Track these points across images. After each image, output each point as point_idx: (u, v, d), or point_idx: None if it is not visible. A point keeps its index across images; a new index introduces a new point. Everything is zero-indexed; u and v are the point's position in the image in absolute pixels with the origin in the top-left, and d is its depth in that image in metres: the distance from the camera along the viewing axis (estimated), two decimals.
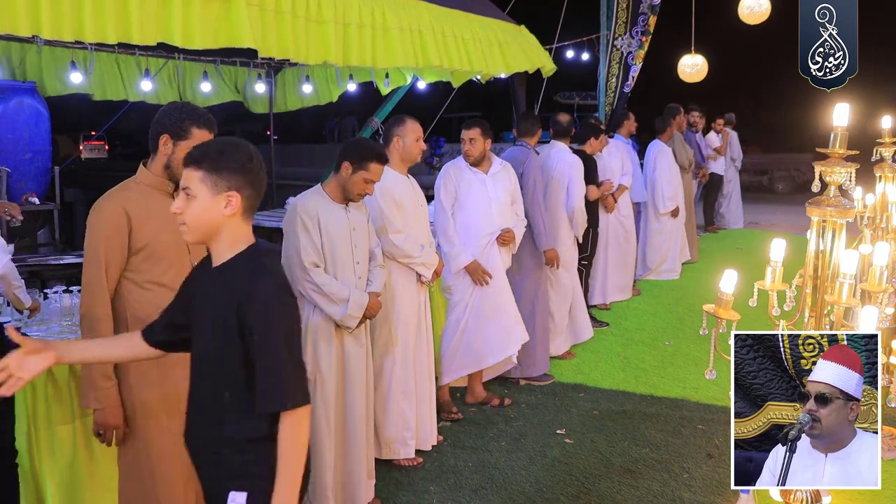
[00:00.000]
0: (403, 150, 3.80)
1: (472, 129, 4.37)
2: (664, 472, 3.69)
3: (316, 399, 3.13)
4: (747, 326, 2.47)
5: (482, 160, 4.40)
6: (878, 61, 11.09)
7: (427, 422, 3.92)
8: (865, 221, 3.75)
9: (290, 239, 3.15)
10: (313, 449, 3.14)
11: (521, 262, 4.87)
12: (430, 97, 9.14)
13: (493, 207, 4.36)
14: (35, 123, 7.28)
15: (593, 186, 5.93)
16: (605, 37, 8.48)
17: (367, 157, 3.16)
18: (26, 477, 3.01)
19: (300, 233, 3.11)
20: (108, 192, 2.51)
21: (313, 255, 3.10)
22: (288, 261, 3.14)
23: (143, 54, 7.49)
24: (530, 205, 4.81)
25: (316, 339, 3.16)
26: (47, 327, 3.36)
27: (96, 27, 3.05)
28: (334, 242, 3.15)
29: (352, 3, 4.26)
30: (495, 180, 4.41)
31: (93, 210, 2.46)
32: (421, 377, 3.89)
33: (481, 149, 4.35)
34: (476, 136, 4.34)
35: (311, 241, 3.11)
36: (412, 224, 3.78)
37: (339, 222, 3.18)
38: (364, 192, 3.23)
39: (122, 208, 2.43)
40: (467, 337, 4.40)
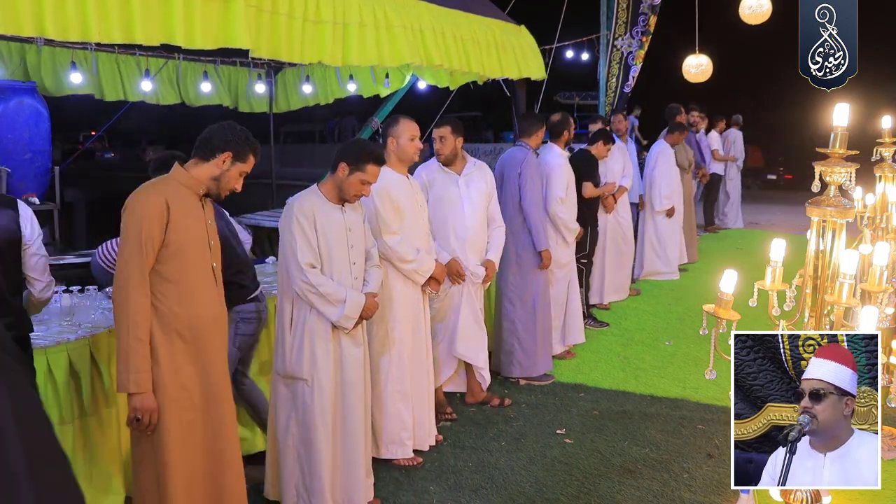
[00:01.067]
0: (399, 150, 3.80)
1: (442, 128, 4.23)
2: (664, 472, 3.68)
3: (313, 399, 3.12)
4: (747, 326, 2.47)
5: (454, 160, 4.28)
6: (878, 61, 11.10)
7: (426, 422, 3.92)
8: (865, 221, 3.75)
9: (286, 239, 3.13)
10: (311, 448, 3.13)
11: (522, 263, 4.88)
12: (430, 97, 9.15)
13: (465, 209, 4.25)
14: (35, 123, 7.29)
15: (590, 184, 5.93)
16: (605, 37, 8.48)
17: (364, 158, 3.15)
18: None
19: (296, 233, 3.08)
20: (146, 184, 2.63)
21: (309, 255, 3.08)
22: (284, 261, 3.13)
23: (144, 54, 7.49)
24: (529, 205, 4.80)
25: (313, 340, 3.14)
26: (47, 327, 3.35)
27: (101, 27, 3.07)
28: (330, 243, 3.14)
29: (351, 3, 4.26)
30: (469, 181, 4.31)
31: (134, 197, 2.54)
32: (419, 377, 3.88)
33: (452, 147, 4.22)
34: (446, 135, 4.20)
35: (308, 242, 3.09)
36: (409, 226, 3.76)
37: (335, 223, 3.16)
38: (360, 194, 3.22)
39: (164, 199, 2.52)
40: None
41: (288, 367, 3.16)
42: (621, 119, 7.33)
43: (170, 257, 2.52)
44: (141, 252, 2.46)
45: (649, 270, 7.78)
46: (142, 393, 2.47)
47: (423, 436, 3.91)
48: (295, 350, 3.14)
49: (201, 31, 3.37)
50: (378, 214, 3.64)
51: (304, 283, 3.07)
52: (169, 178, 2.64)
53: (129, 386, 2.46)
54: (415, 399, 3.85)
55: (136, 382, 2.45)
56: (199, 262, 2.60)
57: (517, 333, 4.92)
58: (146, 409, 2.48)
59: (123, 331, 2.46)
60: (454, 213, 4.24)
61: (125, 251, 2.49)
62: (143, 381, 2.47)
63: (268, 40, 3.78)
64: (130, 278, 2.46)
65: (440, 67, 5.34)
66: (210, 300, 2.63)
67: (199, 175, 2.63)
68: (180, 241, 2.53)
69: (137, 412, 2.48)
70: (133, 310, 2.45)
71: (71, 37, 3.00)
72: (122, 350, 2.47)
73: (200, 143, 2.65)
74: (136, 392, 2.46)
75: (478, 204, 4.29)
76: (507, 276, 4.91)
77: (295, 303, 3.15)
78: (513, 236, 4.78)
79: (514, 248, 4.84)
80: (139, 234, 2.46)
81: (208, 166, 2.62)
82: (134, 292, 2.46)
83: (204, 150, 2.63)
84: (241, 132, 2.66)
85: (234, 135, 2.64)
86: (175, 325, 2.54)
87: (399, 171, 3.81)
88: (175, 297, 2.54)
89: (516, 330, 4.92)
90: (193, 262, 2.58)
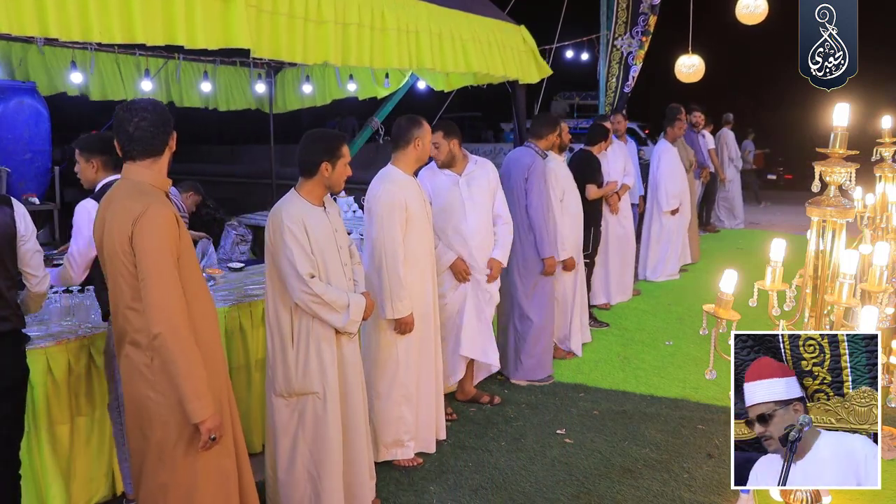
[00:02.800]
0: (423, 151, 3.77)
1: (434, 134, 4.09)
2: (664, 472, 3.68)
3: (326, 411, 3.03)
4: (747, 326, 2.47)
5: (453, 161, 4.21)
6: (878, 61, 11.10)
7: (432, 424, 3.89)
8: (865, 221, 3.75)
9: (279, 250, 2.99)
10: (325, 462, 3.06)
11: (527, 267, 4.84)
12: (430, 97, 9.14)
13: (467, 210, 4.20)
14: (35, 123, 7.28)
15: (593, 186, 5.92)
16: (605, 37, 8.49)
17: (336, 146, 3.08)
18: (27, 476, 3.02)
19: (290, 243, 2.96)
20: (147, 200, 2.36)
21: (308, 265, 2.98)
22: (280, 273, 3.01)
23: (143, 54, 7.49)
24: (535, 211, 4.74)
25: (320, 348, 3.04)
26: (47, 327, 3.36)
27: (102, 27, 3.07)
28: (323, 247, 3.04)
29: (351, 3, 4.26)
30: (470, 180, 4.27)
31: (147, 218, 2.32)
32: (427, 378, 3.84)
33: (447, 151, 4.18)
34: (438, 140, 4.13)
35: (303, 251, 2.98)
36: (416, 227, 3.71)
37: (323, 227, 3.07)
38: (347, 175, 3.14)
39: (171, 211, 2.39)
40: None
41: (294, 384, 3.03)
42: (620, 119, 7.32)
43: (183, 267, 2.43)
44: (176, 279, 2.34)
45: (654, 271, 7.80)
46: (213, 414, 2.39)
47: (429, 438, 3.89)
48: (301, 364, 3.02)
49: (203, 31, 3.37)
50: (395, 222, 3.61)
51: (307, 294, 2.96)
52: (147, 185, 2.45)
53: (204, 412, 2.35)
54: (421, 401, 3.82)
55: (207, 407, 2.36)
56: (194, 265, 2.55)
57: (521, 337, 4.90)
58: (217, 426, 2.41)
59: (183, 363, 2.32)
60: (456, 215, 4.21)
61: (161, 280, 2.31)
62: (211, 404, 2.38)
63: (269, 40, 3.78)
64: (174, 308, 2.32)
65: (432, 70, 5.33)
66: (207, 300, 2.61)
67: (162, 171, 2.48)
68: (183, 249, 2.45)
69: (212, 432, 2.39)
70: (186, 339, 2.33)
71: (73, 36, 3.01)
72: (185, 382, 2.33)
73: (137, 151, 2.44)
74: (210, 416, 2.37)
75: (480, 204, 4.26)
76: (513, 279, 4.88)
77: (294, 313, 3.03)
78: (518, 240, 4.74)
79: (519, 251, 4.81)
80: (169, 260, 2.33)
81: (161, 161, 2.47)
82: (181, 322, 2.33)
83: (144, 152, 2.44)
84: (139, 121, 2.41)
85: (149, 130, 2.41)
86: (201, 333, 2.46)
87: (409, 172, 3.78)
88: (192, 304, 2.44)
89: (520, 334, 4.90)
90: (193, 266, 2.54)
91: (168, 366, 2.33)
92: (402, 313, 3.63)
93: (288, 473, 3.08)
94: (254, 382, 3.86)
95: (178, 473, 2.45)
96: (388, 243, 3.60)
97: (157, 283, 2.32)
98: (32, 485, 3.07)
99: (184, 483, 2.45)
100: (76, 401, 3.22)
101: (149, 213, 2.33)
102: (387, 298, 3.60)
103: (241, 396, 3.74)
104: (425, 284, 3.80)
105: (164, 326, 2.31)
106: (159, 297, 2.32)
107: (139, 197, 2.38)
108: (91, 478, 3.30)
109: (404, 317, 3.64)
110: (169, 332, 2.31)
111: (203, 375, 2.36)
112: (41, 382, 3.09)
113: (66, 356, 3.17)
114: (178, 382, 2.33)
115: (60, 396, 3.15)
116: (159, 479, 2.45)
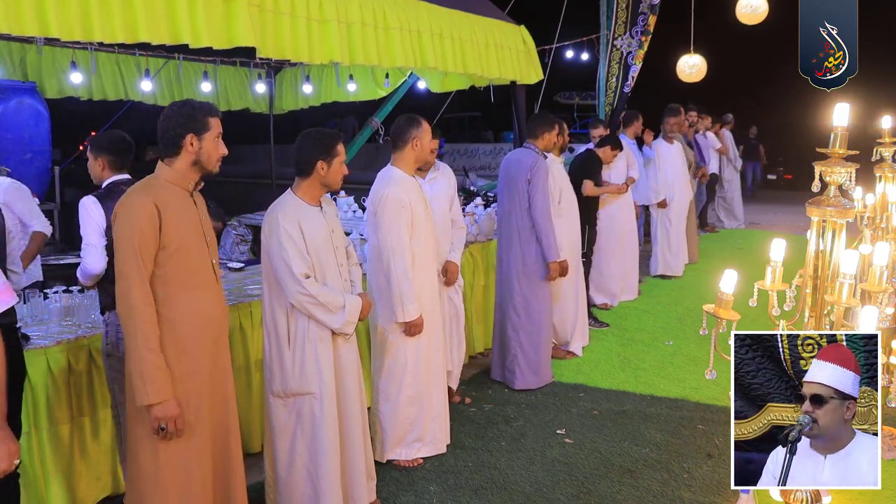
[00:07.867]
0: (422, 151, 3.77)
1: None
2: (664, 472, 3.68)
3: (323, 411, 3.03)
4: (747, 326, 2.47)
5: (427, 165, 4.28)
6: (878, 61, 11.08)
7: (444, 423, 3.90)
8: (865, 221, 3.75)
9: (275, 251, 2.99)
10: (322, 463, 3.05)
11: (529, 271, 4.77)
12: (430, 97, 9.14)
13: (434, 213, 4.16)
14: (35, 123, 7.29)
15: (590, 182, 5.93)
16: (604, 37, 8.48)
17: (332, 144, 3.07)
18: (27, 476, 3.02)
19: (286, 244, 2.95)
20: (133, 188, 2.54)
21: (303, 265, 2.97)
22: (276, 273, 2.99)
23: (143, 54, 7.49)
24: (539, 214, 4.69)
25: (316, 349, 3.03)
26: (47, 327, 3.36)
27: (104, 27, 3.07)
28: (319, 248, 3.03)
29: (352, 3, 4.26)
30: (433, 185, 4.29)
31: (121, 205, 2.48)
32: (436, 378, 3.84)
33: (435, 150, 4.23)
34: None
35: (299, 251, 2.96)
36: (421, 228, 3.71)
37: (319, 227, 3.05)
38: (344, 173, 3.14)
39: (151, 201, 2.46)
40: None
41: (292, 384, 3.02)
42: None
43: (168, 259, 2.47)
44: (138, 262, 2.41)
45: (662, 269, 7.86)
46: (163, 402, 2.42)
47: (441, 438, 3.89)
48: (297, 364, 3.02)
49: (208, 30, 3.37)
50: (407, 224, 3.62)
51: (302, 294, 2.95)
52: (155, 178, 2.57)
53: (149, 397, 2.40)
54: (431, 401, 3.81)
55: (155, 392, 2.40)
56: (197, 260, 2.56)
57: (522, 344, 4.83)
58: (170, 416, 2.44)
59: (133, 343, 2.41)
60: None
61: (121, 263, 2.43)
62: (162, 390, 2.42)
63: (273, 40, 3.78)
64: (131, 290, 2.42)
65: (434, 70, 5.33)
66: (211, 297, 2.61)
67: (181, 168, 2.56)
68: (177, 241, 2.48)
69: (161, 421, 2.43)
70: (140, 320, 2.41)
71: (74, 36, 3.00)
72: (134, 362, 2.42)
73: (162, 145, 2.57)
74: (157, 402, 2.41)
75: (437, 210, 4.19)
76: (513, 284, 4.81)
77: (290, 314, 3.02)
78: (520, 244, 4.73)
79: (521, 255, 4.76)
80: (133, 244, 2.41)
81: (182, 158, 2.55)
82: (137, 304, 2.41)
83: (168, 149, 2.55)
84: (184, 109, 2.56)
85: (181, 116, 2.54)
86: (180, 328, 2.50)
87: (409, 173, 3.78)
88: (178, 299, 2.49)
89: (521, 340, 4.83)
90: (192, 260, 2.54)
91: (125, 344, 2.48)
92: (412, 316, 3.63)
93: (287, 473, 3.07)
94: (254, 383, 3.86)
95: (142, 462, 2.53)
96: (395, 246, 3.59)
97: (118, 267, 2.45)
98: (33, 485, 3.07)
99: (149, 473, 2.52)
100: (77, 401, 3.21)
101: (124, 202, 2.48)
102: (397, 302, 3.60)
103: (241, 397, 3.73)
104: (431, 285, 3.81)
105: (119, 307, 2.45)
106: (119, 280, 2.45)
107: (136, 188, 2.54)
108: (97, 476, 3.31)
109: (414, 319, 3.64)
110: (123, 317, 2.44)
111: (154, 362, 2.41)
112: (41, 382, 3.09)
113: (66, 356, 3.17)
114: (127, 361, 2.47)
115: (61, 396, 3.15)
116: (132, 468, 2.57)
